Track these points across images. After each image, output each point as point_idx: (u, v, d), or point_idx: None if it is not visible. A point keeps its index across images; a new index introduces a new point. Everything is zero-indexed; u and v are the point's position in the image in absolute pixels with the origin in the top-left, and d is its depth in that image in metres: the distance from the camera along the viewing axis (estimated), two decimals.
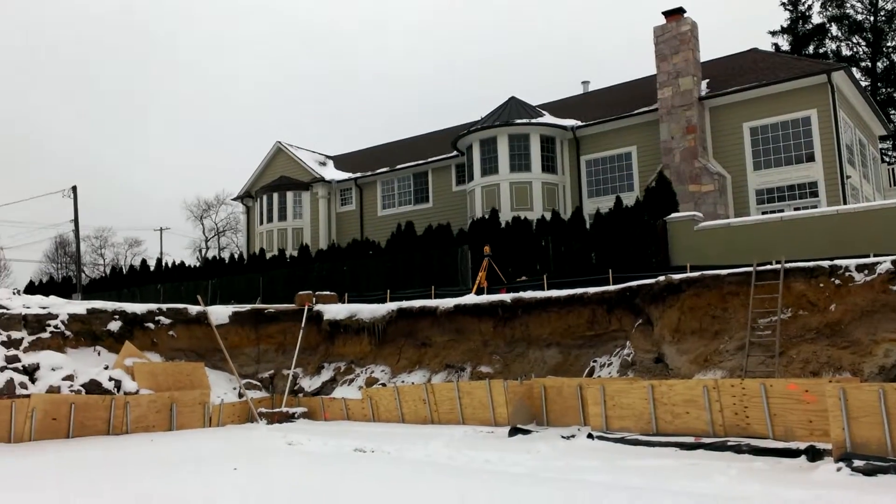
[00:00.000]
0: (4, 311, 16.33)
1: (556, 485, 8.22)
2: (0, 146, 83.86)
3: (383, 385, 17.70)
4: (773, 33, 43.93)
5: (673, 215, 21.09)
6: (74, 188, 37.67)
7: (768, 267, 13.37)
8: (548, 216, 25.06)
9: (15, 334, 15.96)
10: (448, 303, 18.18)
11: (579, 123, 28.64)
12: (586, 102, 32.06)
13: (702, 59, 27.04)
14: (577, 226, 23.14)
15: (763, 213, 23.75)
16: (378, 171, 35.11)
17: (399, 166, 34.31)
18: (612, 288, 16.07)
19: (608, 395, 12.31)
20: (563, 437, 12.32)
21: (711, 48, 42.46)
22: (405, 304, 19.06)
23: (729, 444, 10.34)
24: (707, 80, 26.74)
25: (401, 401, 16.18)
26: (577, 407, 13.51)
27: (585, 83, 35.08)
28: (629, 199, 24.09)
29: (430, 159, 33.32)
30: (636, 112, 27.40)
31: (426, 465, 10.22)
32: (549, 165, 28.53)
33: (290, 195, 36.66)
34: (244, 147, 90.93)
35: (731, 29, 58.03)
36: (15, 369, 15.05)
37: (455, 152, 31.52)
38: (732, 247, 18.96)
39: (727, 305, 13.72)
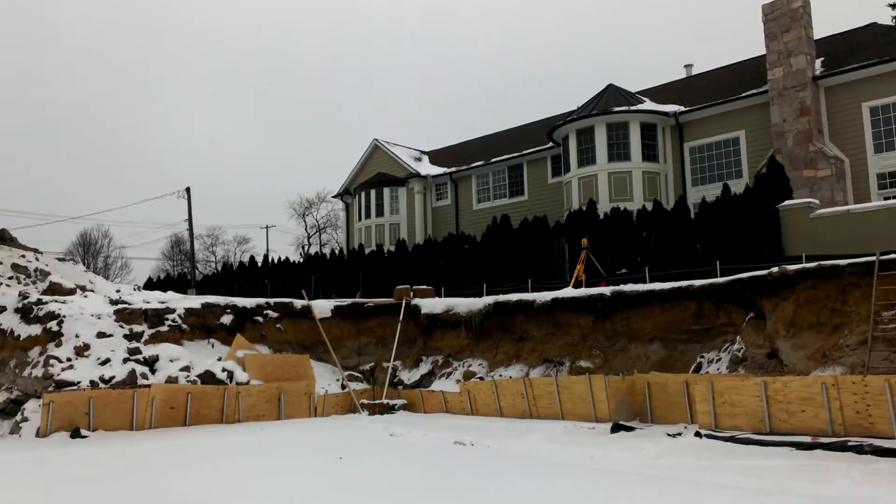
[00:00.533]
0: (127, 306, 17.48)
1: (664, 484, 7.92)
2: (123, 151, 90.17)
3: (481, 379, 17.70)
4: (894, 6, 40.54)
5: (786, 203, 19.92)
6: (188, 189, 39.88)
7: (892, 256, 12.35)
8: (649, 206, 24.24)
9: (136, 328, 17.05)
10: (545, 296, 17.93)
11: (682, 109, 27.53)
12: (690, 87, 30.76)
13: (815, 37, 25.34)
14: (681, 216, 22.24)
15: (885, 198, 22.03)
16: (473, 164, 35.13)
17: (494, 160, 34.19)
18: (719, 280, 15.34)
19: (717, 391, 11.77)
20: (668, 434, 11.88)
21: (825, 24, 39.73)
22: (502, 297, 18.96)
23: (850, 444, 9.67)
24: (821, 59, 25.02)
25: (499, 395, 16.12)
26: (684, 404, 12.99)
27: (688, 66, 33.66)
28: (737, 187, 22.92)
29: (524, 151, 33.01)
30: (744, 95, 26.04)
31: (528, 459, 10.10)
32: (649, 154, 27.60)
33: (386, 191, 37.32)
34: (344, 144, 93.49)
35: (846, 3, 54.08)
36: (137, 361, 16.07)
37: (550, 143, 31.07)
38: (852, 235, 17.70)
39: (847, 298, 12.77)
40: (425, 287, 21.89)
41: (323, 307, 20.45)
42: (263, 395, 16.35)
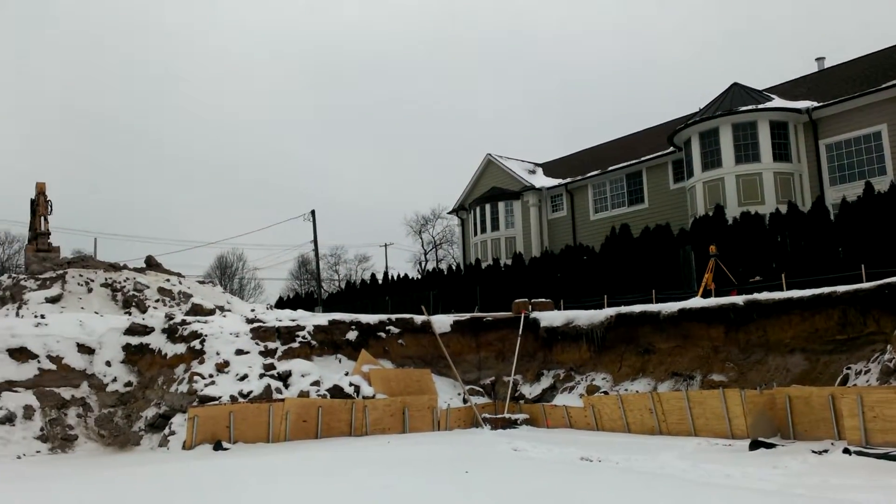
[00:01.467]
0: (262, 324, 18.48)
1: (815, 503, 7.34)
2: (251, 179, 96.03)
3: (605, 393, 17.21)
4: None
5: None
6: (313, 212, 41.82)
7: None
8: (782, 209, 22.80)
9: (270, 344, 17.97)
10: (672, 307, 17.21)
11: (815, 104, 25.77)
12: (823, 81, 28.75)
13: None
14: (820, 217, 20.74)
15: None
16: (588, 174, 34.52)
17: (611, 168, 33.43)
18: (866, 285, 14.11)
19: (867, 405, 10.80)
20: (813, 451, 11.03)
21: None
22: (624, 309, 18.39)
23: None
24: None
25: (625, 410, 15.60)
26: (830, 419, 12.01)
27: (820, 60, 31.50)
28: (881, 185, 21.11)
29: (643, 158, 32.06)
30: (884, 86, 24.01)
31: (661, 477, 9.69)
32: (781, 153, 26.01)
33: (501, 205, 37.38)
34: (456, 162, 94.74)
35: None
36: (271, 376, 16.92)
37: (671, 148, 29.99)
38: None
39: None
40: (544, 300, 21.64)
41: (442, 322, 20.68)
42: (388, 409, 16.72)
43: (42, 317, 19.87)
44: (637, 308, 18.12)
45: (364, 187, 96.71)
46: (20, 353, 17.03)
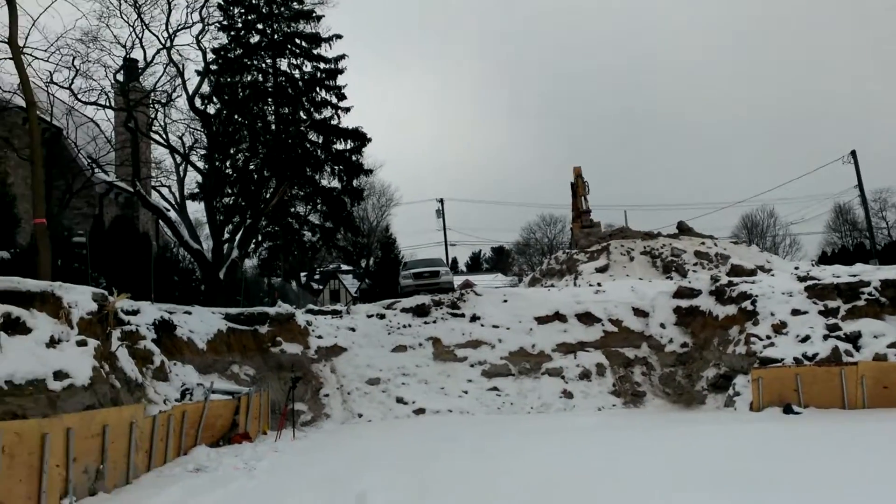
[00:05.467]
0: (816, 281, 16.85)
1: None
2: (788, 122, 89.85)
3: None
4: None
5: None
6: (853, 153, 36.63)
7: None
8: None
9: (830, 303, 16.22)
10: None
11: None
12: None
13: None
14: None
15: None
16: None
17: None
18: None
19: None
20: None
21: None
22: None
23: None
24: None
25: None
26: None
27: None
28: None
29: None
30: None
31: None
32: None
33: None
34: None
35: None
36: (836, 337, 15.23)
37: None
38: None
39: None
40: None
41: None
42: None
43: (599, 285, 22.21)
44: None
45: None
46: (586, 318, 19.33)
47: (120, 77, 18.99)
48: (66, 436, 7.48)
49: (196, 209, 26.11)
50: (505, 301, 20.51)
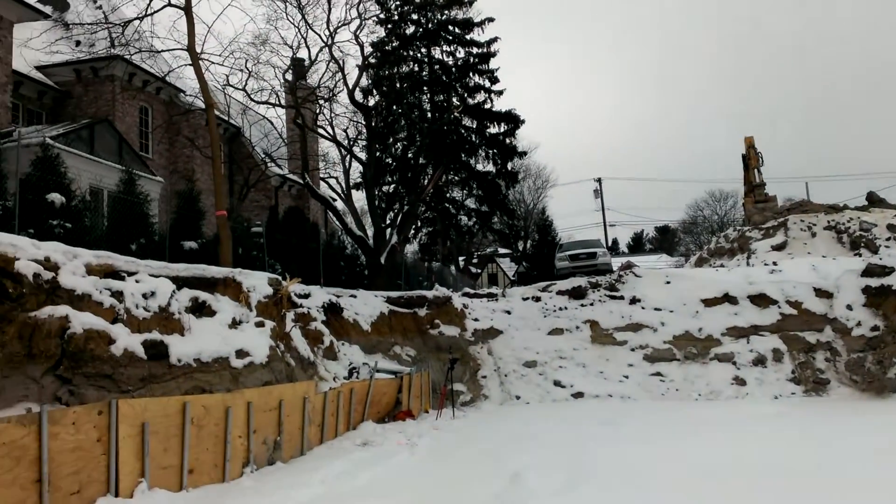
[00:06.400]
0: None
1: None
2: None
3: None
4: None
5: None
6: None
7: None
8: None
9: None
10: None
11: None
12: None
13: None
14: None
15: None
16: None
17: None
18: None
19: None
20: None
21: None
22: None
23: None
24: None
25: None
26: None
27: None
28: None
29: None
30: None
31: None
32: None
33: None
34: None
35: None
36: None
37: None
38: None
39: None
40: None
41: None
42: None
43: (774, 264, 20.55)
44: None
45: None
46: (760, 299, 17.94)
47: (288, 76, 20.30)
48: (246, 409, 8.14)
49: (358, 198, 27.44)
50: (668, 282, 19.57)
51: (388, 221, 21.44)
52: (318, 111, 21.60)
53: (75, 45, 18.88)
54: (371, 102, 25.46)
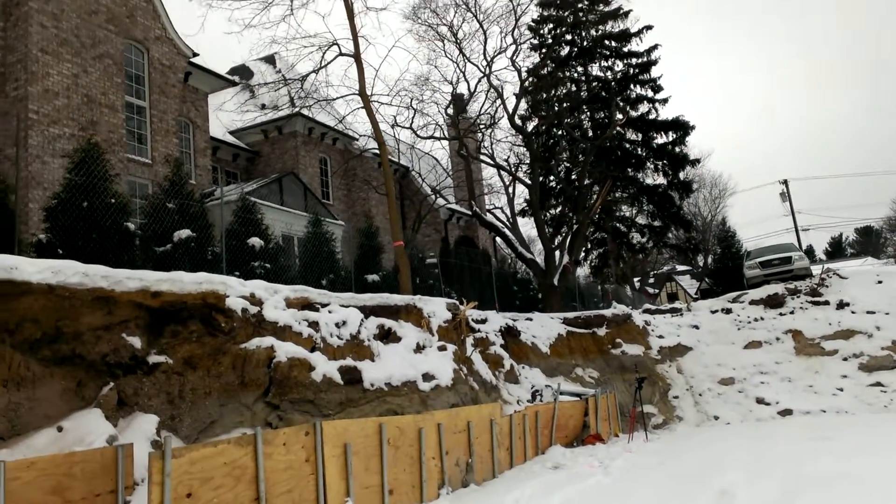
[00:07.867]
0: None
1: None
2: None
3: None
4: None
5: None
6: None
7: None
8: None
9: None
10: None
11: None
12: None
13: None
14: None
15: None
16: None
17: None
18: None
19: None
20: None
21: None
22: None
23: None
24: None
25: None
26: None
27: None
28: None
29: None
30: None
31: None
32: None
33: None
34: None
35: None
36: None
37: None
38: None
39: None
40: None
41: None
42: None
43: None
44: None
45: None
46: None
47: (450, 110, 20.97)
48: (437, 430, 8.25)
49: (524, 223, 27.45)
50: (879, 282, 17.44)
51: (555, 244, 21.23)
52: (480, 140, 22.07)
53: (261, 108, 20.89)
54: (530, 127, 25.54)
